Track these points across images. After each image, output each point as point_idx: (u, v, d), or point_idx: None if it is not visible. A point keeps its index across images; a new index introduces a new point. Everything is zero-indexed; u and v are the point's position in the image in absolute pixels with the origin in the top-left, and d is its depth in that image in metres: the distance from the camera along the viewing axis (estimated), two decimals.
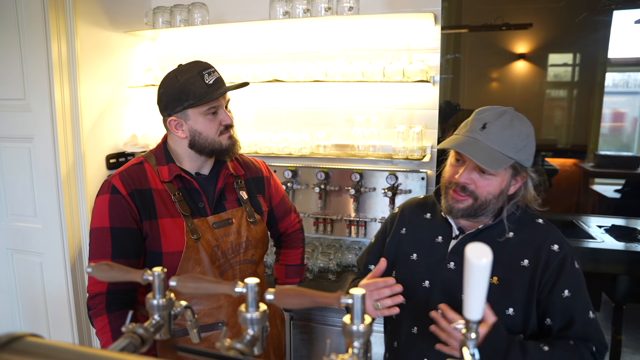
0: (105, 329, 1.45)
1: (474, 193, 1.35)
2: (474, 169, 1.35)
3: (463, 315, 0.67)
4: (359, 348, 0.68)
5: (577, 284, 1.33)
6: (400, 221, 1.61)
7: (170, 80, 1.55)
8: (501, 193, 1.36)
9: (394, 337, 1.54)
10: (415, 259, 1.51)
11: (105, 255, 1.47)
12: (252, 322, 0.71)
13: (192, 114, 1.54)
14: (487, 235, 1.40)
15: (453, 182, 1.38)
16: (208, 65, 1.57)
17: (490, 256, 0.62)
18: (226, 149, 1.60)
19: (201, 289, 0.76)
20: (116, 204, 1.49)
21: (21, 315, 2.87)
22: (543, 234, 1.39)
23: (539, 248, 1.36)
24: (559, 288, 1.31)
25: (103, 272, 0.80)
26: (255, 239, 1.71)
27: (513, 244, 1.39)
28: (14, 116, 2.62)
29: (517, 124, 1.34)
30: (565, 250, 1.35)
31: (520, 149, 1.32)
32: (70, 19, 2.55)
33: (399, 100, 2.80)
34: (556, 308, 1.31)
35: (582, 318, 1.31)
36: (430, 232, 1.51)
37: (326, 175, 2.84)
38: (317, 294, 0.73)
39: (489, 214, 1.39)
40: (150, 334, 0.71)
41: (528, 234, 1.40)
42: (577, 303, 1.31)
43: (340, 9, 2.56)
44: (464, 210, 1.37)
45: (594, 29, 2.28)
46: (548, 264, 1.33)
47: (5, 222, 2.78)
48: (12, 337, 0.55)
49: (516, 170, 1.36)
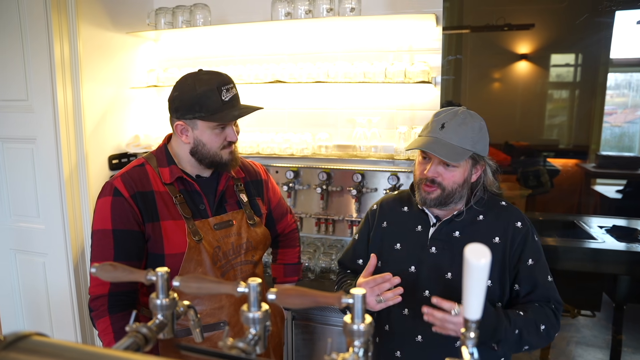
0: (108, 330, 1.46)
1: (441, 184, 1.53)
2: (439, 163, 1.53)
3: (463, 314, 0.68)
4: (359, 347, 0.69)
5: (538, 253, 1.55)
6: (380, 216, 1.76)
7: (188, 86, 1.54)
8: (465, 181, 1.55)
9: (385, 321, 1.65)
10: (399, 248, 1.65)
11: (107, 258, 1.48)
12: (254, 322, 0.71)
13: (201, 125, 1.55)
14: (460, 220, 1.58)
15: (423, 177, 1.56)
16: (228, 81, 1.57)
17: (489, 257, 0.63)
18: (225, 163, 1.62)
19: (204, 289, 0.77)
20: (118, 206, 1.50)
21: (24, 315, 2.89)
22: (507, 213, 1.60)
23: (506, 226, 1.56)
24: (524, 258, 1.52)
25: (107, 273, 0.81)
26: (255, 240, 1.73)
27: (484, 225, 1.58)
28: (16, 117, 2.63)
29: (469, 120, 1.52)
30: (527, 225, 1.56)
31: (476, 141, 1.51)
32: (73, 20, 2.56)
33: (400, 101, 2.81)
34: (523, 275, 1.52)
35: (543, 282, 1.52)
36: (410, 223, 1.67)
37: (328, 175, 2.85)
38: (319, 293, 0.74)
39: (457, 200, 1.57)
40: (154, 333, 0.72)
41: (495, 215, 1.59)
42: (539, 269, 1.53)
43: (342, 10, 2.56)
44: (435, 199, 1.54)
45: (595, 30, 2.28)
46: (514, 239, 1.54)
47: (8, 223, 2.79)
48: (19, 336, 0.56)
49: (475, 160, 1.55)
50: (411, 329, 1.57)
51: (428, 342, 1.53)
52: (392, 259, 1.64)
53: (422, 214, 1.64)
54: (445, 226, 1.58)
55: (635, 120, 2.32)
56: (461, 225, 1.57)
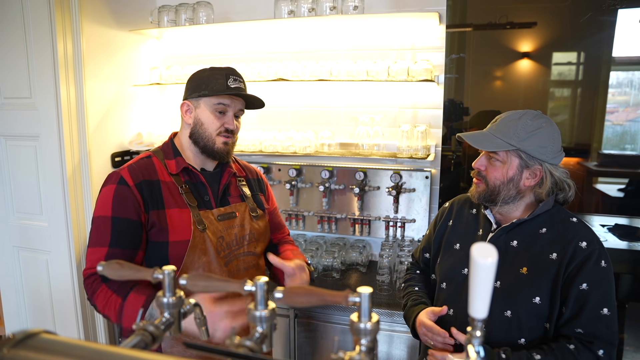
0: (108, 299, 1.43)
1: (485, 178, 1.52)
2: (486, 157, 1.53)
3: (469, 313, 0.69)
4: (366, 345, 0.69)
5: (597, 280, 1.39)
6: (448, 214, 1.77)
7: (201, 71, 1.65)
8: (510, 180, 1.48)
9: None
10: (457, 249, 1.65)
11: (103, 244, 1.48)
12: (261, 320, 0.72)
13: (203, 104, 1.62)
14: (521, 229, 1.52)
15: (473, 170, 1.58)
16: (237, 74, 1.65)
17: (496, 256, 0.63)
18: (217, 152, 1.65)
19: (211, 287, 0.77)
20: (121, 194, 1.51)
21: (27, 313, 2.89)
22: (574, 231, 1.47)
23: (568, 243, 1.44)
24: (578, 281, 1.39)
25: (114, 271, 0.82)
26: (257, 232, 1.75)
27: (544, 239, 1.48)
28: (20, 114, 2.64)
29: (526, 118, 1.47)
30: (592, 247, 1.42)
31: (523, 138, 1.44)
32: (76, 18, 2.57)
33: (403, 100, 2.81)
34: (571, 298, 1.39)
35: (591, 311, 1.37)
36: (473, 226, 1.66)
37: (330, 173, 2.85)
38: (326, 292, 0.74)
39: (508, 200, 1.51)
40: (161, 331, 0.73)
41: (560, 230, 1.48)
42: (592, 296, 1.38)
43: (345, 8, 2.56)
44: (480, 193, 1.54)
45: (598, 28, 2.27)
46: (573, 258, 1.42)
47: (12, 220, 2.80)
48: (28, 334, 0.56)
49: (524, 161, 1.47)
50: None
51: None
52: (449, 258, 1.65)
53: (486, 219, 1.62)
54: (504, 233, 1.54)
55: (637, 118, 2.31)
56: (521, 234, 1.51)
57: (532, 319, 1.44)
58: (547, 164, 1.47)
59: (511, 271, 1.48)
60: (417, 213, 2.78)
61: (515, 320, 1.44)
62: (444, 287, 1.62)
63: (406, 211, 2.80)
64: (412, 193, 2.75)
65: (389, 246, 2.64)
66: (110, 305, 1.43)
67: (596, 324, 1.37)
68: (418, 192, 2.75)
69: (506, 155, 1.47)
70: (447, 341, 1.48)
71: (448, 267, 1.63)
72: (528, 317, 1.44)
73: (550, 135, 1.47)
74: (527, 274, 1.45)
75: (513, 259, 1.50)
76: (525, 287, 1.44)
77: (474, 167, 1.56)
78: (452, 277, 1.61)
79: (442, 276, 1.65)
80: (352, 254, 2.77)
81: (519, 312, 1.44)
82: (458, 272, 1.60)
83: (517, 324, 1.44)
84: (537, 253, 1.47)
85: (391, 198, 2.77)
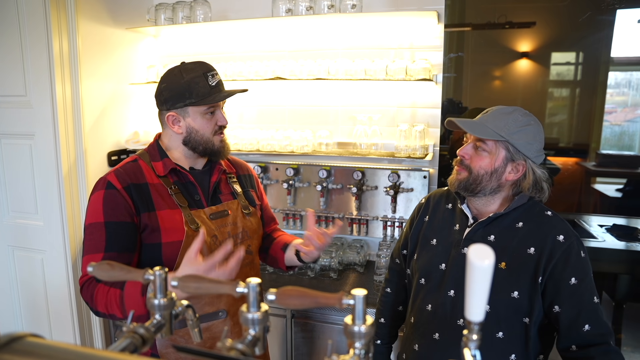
0: (107, 295, 1.40)
1: (469, 167, 1.50)
2: (472, 146, 1.51)
3: (465, 317, 0.67)
4: (360, 349, 0.68)
5: (583, 271, 1.42)
6: (424, 210, 1.75)
7: (175, 76, 1.57)
8: (494, 172, 1.48)
9: (412, 313, 1.65)
10: (434, 244, 1.64)
11: (99, 250, 1.46)
12: (254, 322, 0.70)
13: (192, 112, 1.58)
14: (497, 223, 1.52)
15: (456, 159, 1.56)
16: (211, 68, 1.61)
17: (493, 258, 0.62)
18: (218, 150, 1.65)
19: (202, 288, 0.75)
20: (111, 198, 1.49)
21: (22, 312, 2.88)
22: (550, 224, 1.49)
23: (544, 237, 1.45)
24: (566, 276, 1.41)
25: (104, 272, 0.80)
26: (250, 229, 1.73)
27: (521, 233, 1.49)
28: (15, 113, 2.62)
29: (517, 113, 1.48)
30: (570, 240, 1.44)
31: (513, 132, 1.45)
32: (72, 15, 2.55)
33: (401, 99, 2.80)
34: (564, 296, 1.40)
35: (589, 304, 1.41)
36: (449, 220, 1.65)
37: (328, 173, 2.84)
38: (319, 294, 0.73)
39: (486, 192, 1.51)
40: (152, 333, 0.71)
41: (536, 224, 1.50)
42: (584, 289, 1.41)
43: (343, 7, 2.55)
44: (460, 181, 1.52)
45: (597, 28, 2.27)
46: (553, 253, 1.42)
47: (7, 219, 2.78)
48: (13, 338, 0.55)
49: (510, 154, 1.47)
50: (431, 325, 1.56)
51: (444, 341, 1.52)
52: (426, 254, 1.64)
53: (462, 214, 1.61)
54: (481, 228, 1.54)
55: (635, 119, 2.31)
56: (498, 229, 1.51)
57: (511, 313, 1.45)
58: (530, 160, 1.49)
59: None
60: None
61: (494, 315, 1.44)
62: (423, 282, 1.61)
63: (404, 211, 2.79)
64: (410, 193, 2.74)
65: (386, 246, 2.63)
66: (111, 300, 1.40)
67: (596, 315, 1.40)
68: (416, 191, 2.74)
69: (494, 146, 1.47)
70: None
71: (425, 263, 1.62)
72: (506, 312, 1.45)
73: (536, 133, 1.49)
74: (506, 268, 1.46)
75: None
76: (503, 282, 1.45)
77: (459, 155, 1.54)
78: (429, 272, 1.60)
79: (420, 272, 1.63)
80: (350, 253, 2.76)
81: (497, 306, 1.44)
82: (435, 267, 1.59)
83: (495, 318, 1.45)
84: (515, 248, 1.48)
85: (389, 198, 2.75)
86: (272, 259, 1.88)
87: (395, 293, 1.85)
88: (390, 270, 1.89)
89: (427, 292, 1.60)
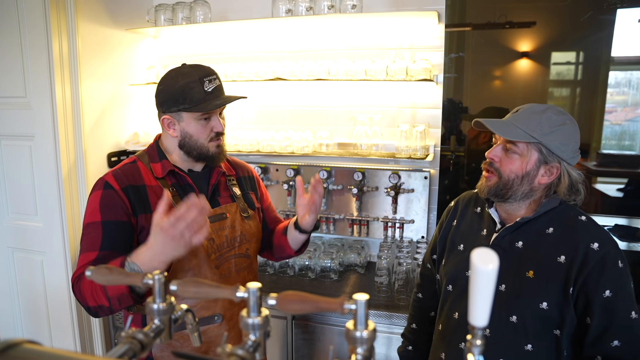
0: (91, 286, 1.37)
1: (499, 170, 1.42)
2: (502, 148, 1.43)
3: (468, 321, 0.66)
4: (362, 354, 0.67)
5: (619, 283, 1.32)
6: (453, 214, 1.69)
7: (171, 79, 1.56)
8: (525, 175, 1.39)
9: (439, 321, 1.60)
10: (461, 250, 1.57)
11: (94, 248, 1.45)
12: (254, 328, 0.69)
13: (186, 117, 1.56)
14: (526, 229, 1.43)
15: (484, 161, 1.48)
16: (210, 72, 1.58)
17: (497, 262, 0.61)
18: (212, 156, 1.62)
19: (202, 293, 0.75)
20: (108, 198, 1.49)
21: (22, 314, 2.87)
22: (584, 231, 1.38)
23: (576, 245, 1.35)
24: (600, 288, 1.30)
25: (102, 276, 0.79)
26: (249, 233, 1.71)
27: (551, 239, 1.40)
28: (14, 114, 2.61)
29: (550, 112, 1.38)
30: (606, 248, 1.33)
31: (546, 132, 1.35)
32: (71, 16, 2.54)
33: (402, 99, 2.79)
34: (596, 308, 1.30)
35: (623, 319, 1.30)
36: (477, 225, 1.58)
37: (329, 174, 2.83)
38: (321, 299, 0.72)
39: (518, 198, 1.43)
40: (151, 339, 0.70)
41: (568, 230, 1.39)
42: (618, 303, 1.30)
43: (343, 7, 2.54)
44: (490, 187, 1.44)
45: (597, 28, 2.26)
46: (585, 263, 1.32)
47: (6, 221, 2.78)
48: (9, 344, 0.54)
49: (544, 156, 1.38)
50: (457, 334, 1.50)
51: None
52: (453, 260, 1.58)
53: (490, 219, 1.54)
54: (509, 234, 1.45)
55: (635, 118, 2.30)
56: (526, 235, 1.42)
57: (539, 325, 1.36)
58: (565, 162, 1.40)
59: (517, 274, 1.41)
60: (415, 214, 2.76)
61: (522, 326, 1.37)
62: (450, 289, 1.55)
63: (405, 212, 2.78)
64: (410, 193, 2.73)
65: (387, 247, 2.62)
66: (95, 288, 1.35)
67: (630, 332, 1.29)
68: (417, 192, 2.73)
69: (526, 148, 1.38)
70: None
71: (452, 269, 1.56)
72: (534, 323, 1.36)
73: (572, 133, 1.39)
74: (534, 277, 1.38)
75: (518, 262, 1.42)
76: (531, 291, 1.37)
77: (487, 157, 1.46)
78: (456, 279, 1.54)
79: (448, 278, 1.57)
80: (351, 255, 2.75)
81: (525, 317, 1.36)
82: (462, 274, 1.53)
83: (523, 329, 1.37)
84: (544, 255, 1.39)
85: (390, 198, 2.75)
86: (278, 248, 1.85)
87: (426, 298, 1.78)
88: (421, 275, 1.83)
89: (453, 299, 1.54)
